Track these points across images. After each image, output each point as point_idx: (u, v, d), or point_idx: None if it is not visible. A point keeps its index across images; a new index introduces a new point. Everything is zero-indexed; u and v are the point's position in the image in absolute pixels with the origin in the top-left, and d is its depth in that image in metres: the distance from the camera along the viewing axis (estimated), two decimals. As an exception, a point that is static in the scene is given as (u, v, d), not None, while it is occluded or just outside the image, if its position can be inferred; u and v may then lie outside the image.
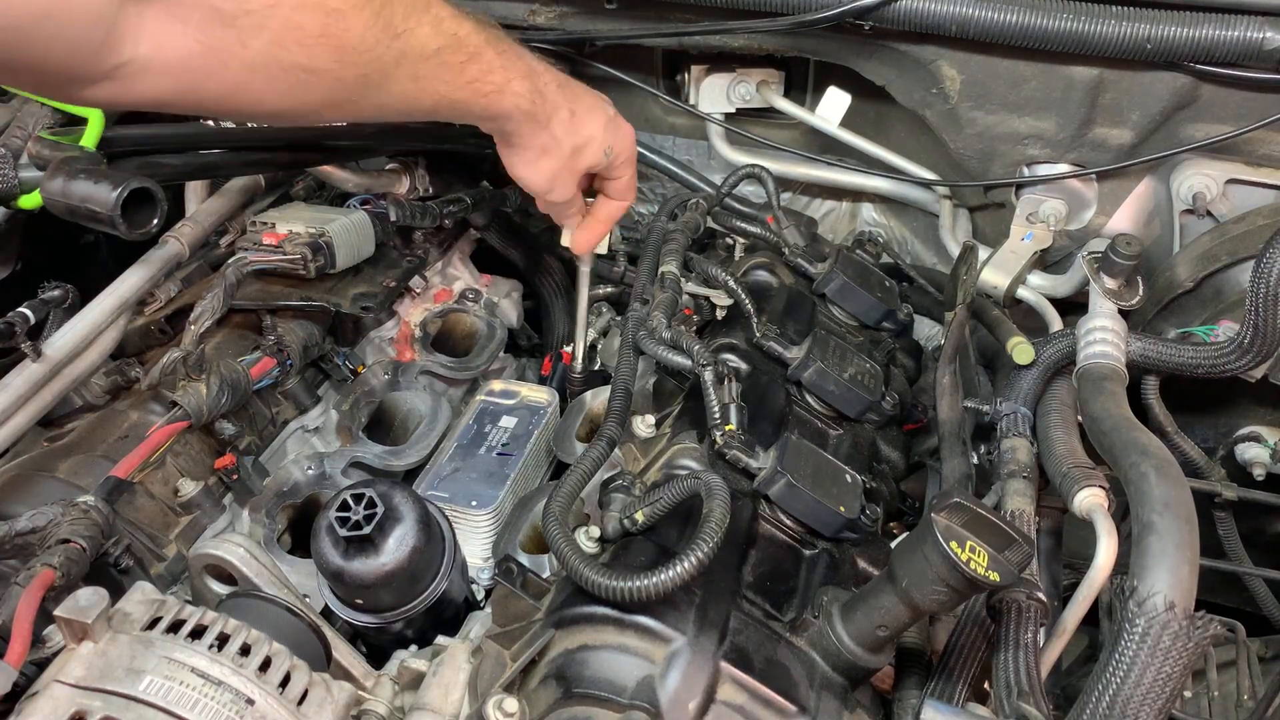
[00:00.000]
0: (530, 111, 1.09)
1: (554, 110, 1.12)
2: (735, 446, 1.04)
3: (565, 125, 1.14)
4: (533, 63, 1.10)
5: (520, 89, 1.07)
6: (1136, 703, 0.80)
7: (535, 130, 1.12)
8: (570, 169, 1.18)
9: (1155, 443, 1.00)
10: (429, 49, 0.94)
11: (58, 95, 0.97)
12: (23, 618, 0.83)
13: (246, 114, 1.08)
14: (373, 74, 0.90)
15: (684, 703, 0.82)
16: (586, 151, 1.17)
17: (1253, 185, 1.38)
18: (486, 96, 1.04)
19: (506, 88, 1.06)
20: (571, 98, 1.15)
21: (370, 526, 0.95)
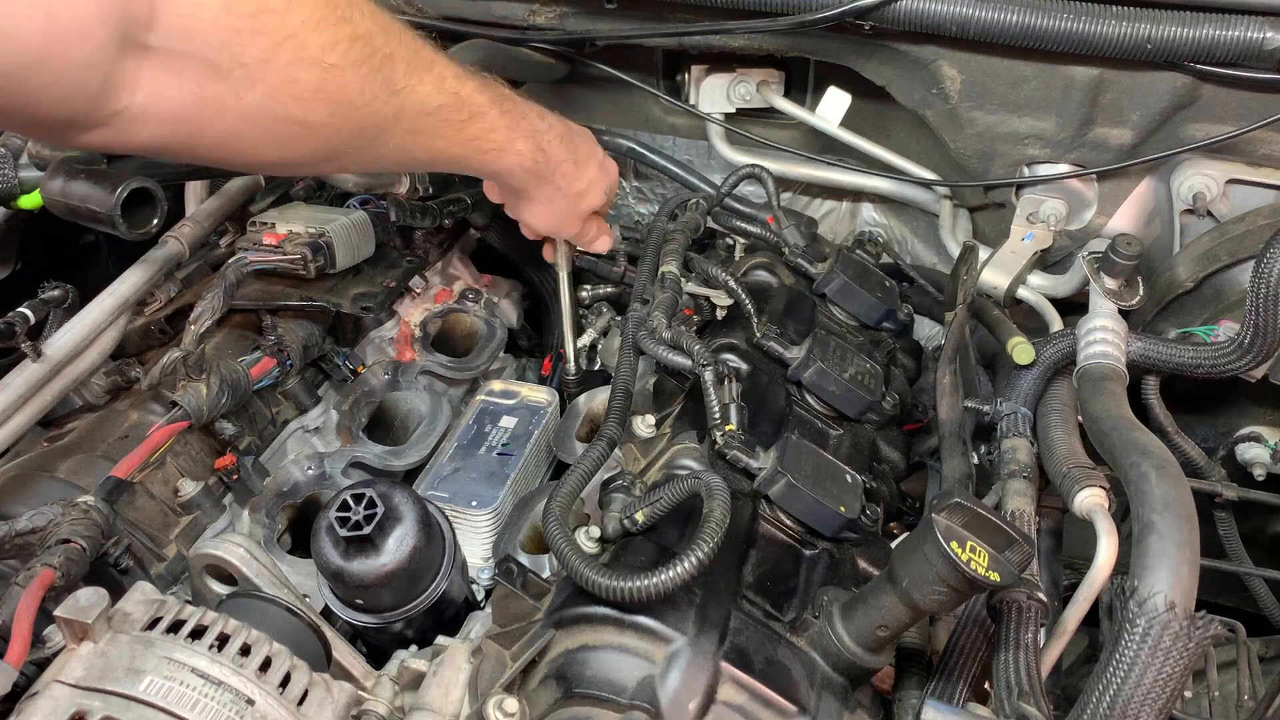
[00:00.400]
0: (533, 169, 1.11)
1: (557, 165, 1.15)
2: (735, 446, 1.04)
3: (568, 177, 1.18)
4: (536, 121, 1.11)
5: (523, 148, 1.08)
6: (1137, 703, 0.80)
7: (539, 184, 1.15)
8: (574, 213, 1.23)
9: (1155, 443, 1.00)
10: (429, 106, 0.94)
11: (51, 138, 0.97)
12: (23, 618, 0.83)
13: (240, 164, 1.06)
14: (369, 128, 0.89)
15: (684, 703, 0.82)
16: (588, 196, 1.22)
17: (1253, 185, 1.38)
18: (487, 154, 1.05)
19: (509, 147, 1.06)
20: (572, 148, 1.17)
21: (370, 527, 0.95)
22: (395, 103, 0.90)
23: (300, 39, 0.78)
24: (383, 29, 0.87)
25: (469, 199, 1.62)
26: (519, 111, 1.08)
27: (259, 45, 0.76)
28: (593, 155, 1.22)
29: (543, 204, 1.19)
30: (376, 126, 0.90)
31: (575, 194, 1.20)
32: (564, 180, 1.17)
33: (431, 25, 1.64)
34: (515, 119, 1.06)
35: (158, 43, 0.72)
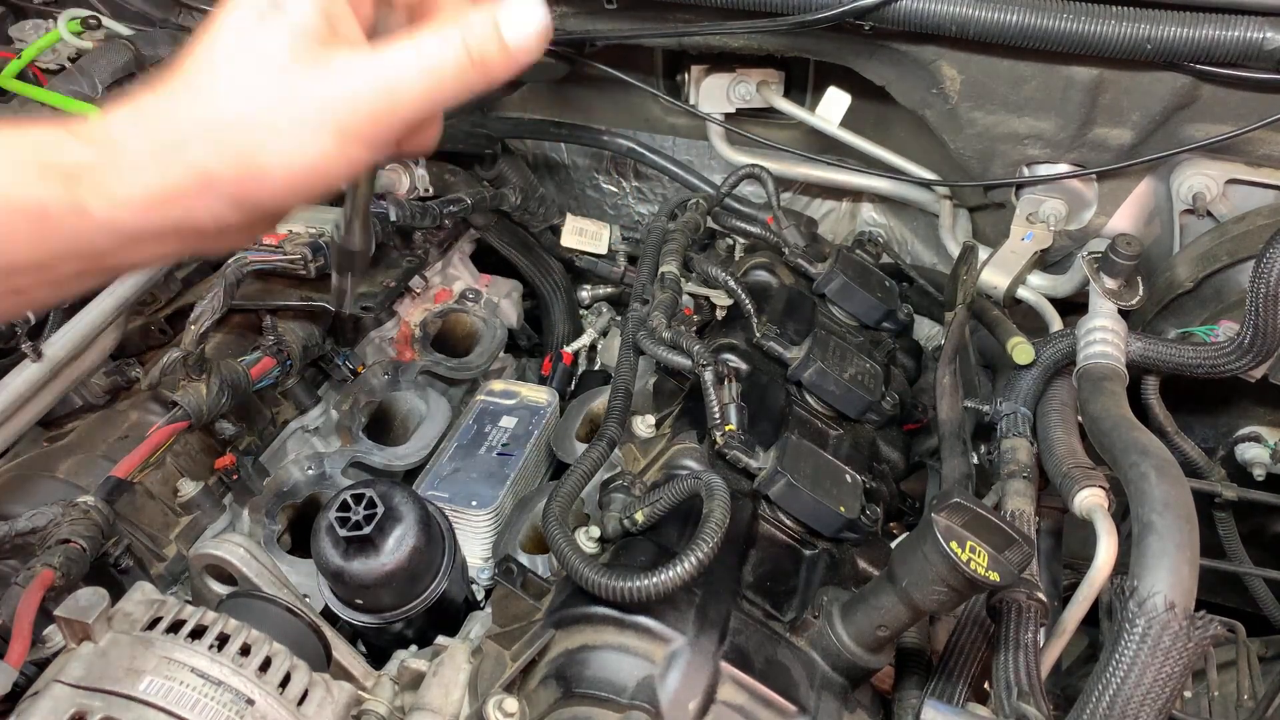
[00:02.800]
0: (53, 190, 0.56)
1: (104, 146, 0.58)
2: (735, 446, 1.04)
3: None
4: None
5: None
6: (1136, 703, 0.80)
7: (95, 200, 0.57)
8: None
9: (1155, 443, 1.00)
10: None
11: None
12: (23, 618, 0.83)
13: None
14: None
15: (684, 703, 0.82)
16: (233, 48, 0.58)
17: (1253, 185, 1.38)
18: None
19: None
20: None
21: (370, 527, 0.95)
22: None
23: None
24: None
25: (469, 199, 1.63)
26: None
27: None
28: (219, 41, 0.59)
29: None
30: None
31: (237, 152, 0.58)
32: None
33: (431, 25, 1.64)
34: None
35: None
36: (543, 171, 2.02)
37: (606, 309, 1.74)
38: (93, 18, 1.43)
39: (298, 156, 0.57)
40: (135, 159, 0.57)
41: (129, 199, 0.57)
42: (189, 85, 0.58)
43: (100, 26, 1.43)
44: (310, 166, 0.58)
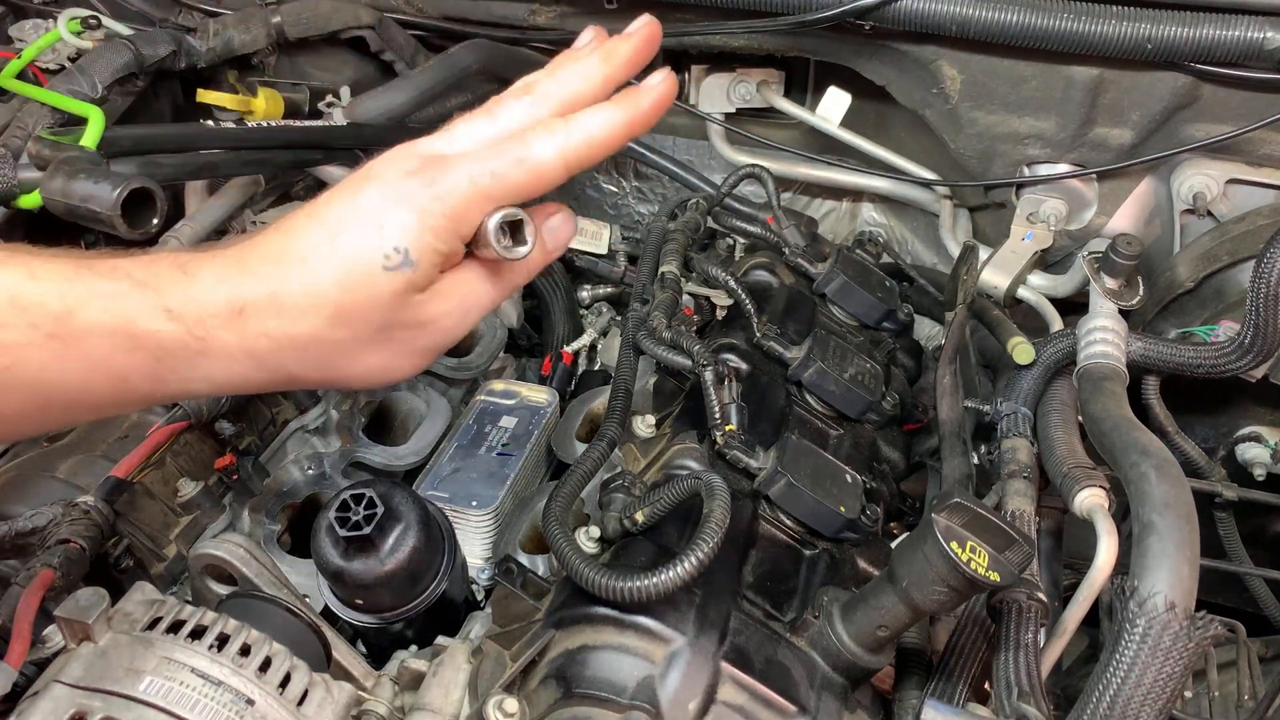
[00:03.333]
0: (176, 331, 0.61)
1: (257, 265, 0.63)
2: (735, 446, 1.04)
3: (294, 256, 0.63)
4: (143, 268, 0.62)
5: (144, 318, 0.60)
6: (1137, 703, 0.80)
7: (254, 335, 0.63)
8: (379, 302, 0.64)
9: (1156, 443, 1.00)
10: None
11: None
12: (23, 618, 0.83)
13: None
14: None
15: (684, 703, 0.82)
16: (356, 286, 0.62)
17: (1253, 185, 1.38)
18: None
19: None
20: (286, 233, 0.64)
21: (370, 527, 0.94)
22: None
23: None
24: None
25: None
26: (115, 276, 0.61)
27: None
28: (358, 191, 0.65)
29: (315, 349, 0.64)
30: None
31: (335, 310, 0.63)
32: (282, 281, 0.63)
33: (432, 25, 1.65)
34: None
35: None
36: (543, 171, 2.02)
37: (606, 309, 1.74)
38: (93, 18, 1.43)
39: (378, 374, 0.67)
40: (225, 354, 0.62)
41: (209, 382, 0.63)
42: (293, 295, 0.62)
43: (100, 26, 1.42)
44: (386, 378, 0.68)
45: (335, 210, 0.63)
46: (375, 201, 0.63)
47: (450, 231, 0.64)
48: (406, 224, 0.62)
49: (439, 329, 0.67)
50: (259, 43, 1.50)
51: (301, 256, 0.62)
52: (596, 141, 0.66)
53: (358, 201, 0.63)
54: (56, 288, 0.58)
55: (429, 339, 0.67)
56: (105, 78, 1.31)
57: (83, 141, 1.18)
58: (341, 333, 0.63)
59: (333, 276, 0.62)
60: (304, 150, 1.42)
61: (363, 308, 0.63)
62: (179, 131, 1.31)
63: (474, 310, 0.68)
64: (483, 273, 0.68)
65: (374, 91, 1.52)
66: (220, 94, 1.46)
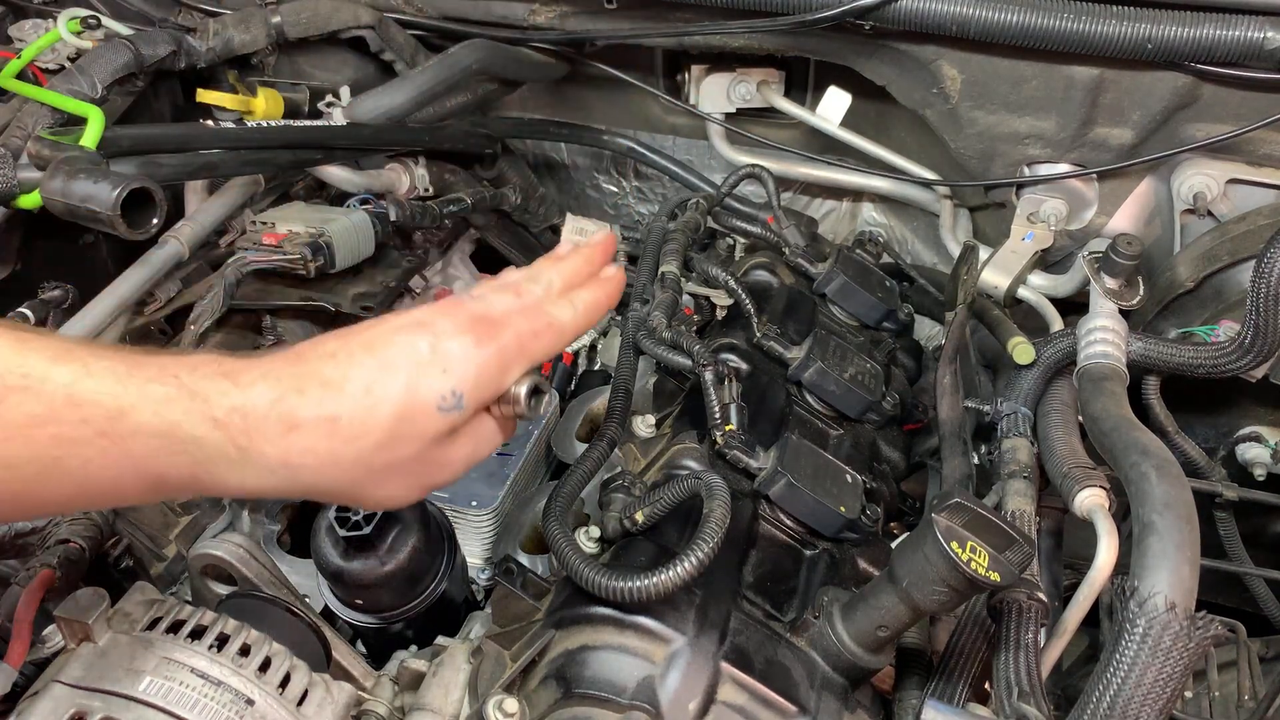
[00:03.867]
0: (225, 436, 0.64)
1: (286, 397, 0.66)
2: (735, 446, 1.04)
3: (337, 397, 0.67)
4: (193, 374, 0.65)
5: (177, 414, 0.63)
6: (1137, 703, 0.80)
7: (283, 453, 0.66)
8: (402, 466, 0.71)
9: (1156, 443, 1.00)
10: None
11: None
12: (23, 618, 0.83)
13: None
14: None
15: (684, 703, 0.82)
16: (412, 419, 0.69)
17: (1253, 185, 1.38)
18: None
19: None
20: (320, 358, 0.69)
21: (370, 527, 0.94)
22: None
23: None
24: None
25: (469, 199, 1.62)
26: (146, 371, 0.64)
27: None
28: (378, 353, 0.70)
29: (343, 475, 0.69)
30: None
31: (376, 443, 0.68)
32: (327, 407, 0.67)
33: (432, 25, 1.65)
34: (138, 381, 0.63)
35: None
36: (543, 171, 2.02)
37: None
38: (92, 17, 1.43)
39: (391, 500, 0.74)
40: (263, 464, 0.66)
41: (240, 488, 0.67)
42: (351, 421, 0.68)
43: (100, 26, 1.42)
44: (392, 504, 0.76)
45: (395, 352, 0.70)
46: (435, 348, 0.71)
47: (496, 383, 0.74)
48: (465, 373, 0.71)
49: (450, 469, 0.75)
50: (259, 43, 1.50)
51: (366, 388, 0.68)
52: (592, 310, 0.82)
53: (416, 346, 0.70)
54: (111, 387, 0.62)
55: (440, 476, 0.75)
56: (105, 78, 1.31)
57: (82, 141, 1.18)
58: (381, 460, 0.69)
59: (393, 409, 0.68)
60: (304, 150, 1.42)
61: (408, 440, 0.70)
62: (179, 131, 1.31)
63: (481, 455, 0.77)
64: (494, 425, 0.77)
65: (374, 91, 1.52)
66: (220, 94, 1.46)
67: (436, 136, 1.59)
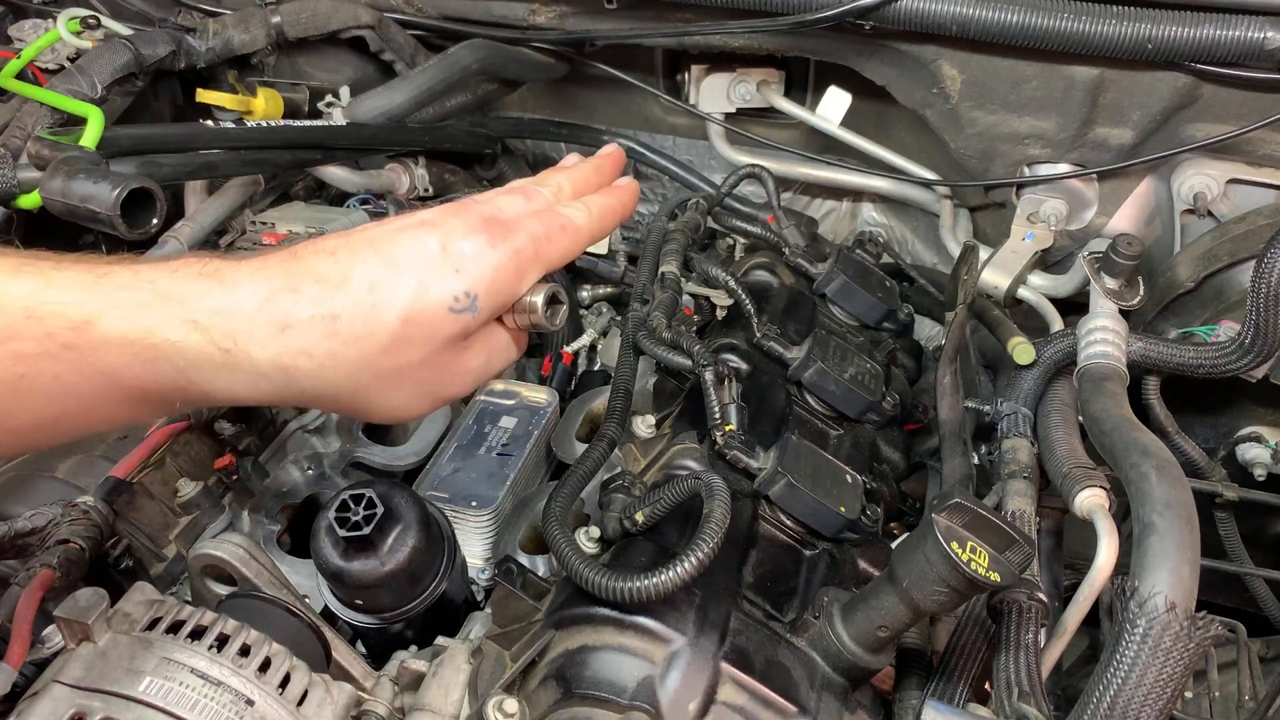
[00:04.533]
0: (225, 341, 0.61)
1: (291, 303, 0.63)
2: (735, 447, 1.04)
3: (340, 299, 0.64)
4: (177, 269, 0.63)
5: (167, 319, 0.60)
6: (1137, 703, 0.80)
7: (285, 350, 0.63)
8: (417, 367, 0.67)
9: (1156, 443, 1.00)
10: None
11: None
12: (22, 618, 0.83)
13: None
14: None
15: (684, 703, 0.82)
16: (420, 321, 0.65)
17: (1254, 185, 1.38)
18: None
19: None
20: (334, 250, 0.66)
21: (370, 527, 0.94)
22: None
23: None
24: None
25: (469, 199, 1.62)
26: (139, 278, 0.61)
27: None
28: (386, 246, 0.66)
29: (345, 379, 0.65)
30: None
31: (390, 337, 0.65)
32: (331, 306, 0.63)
33: (432, 25, 1.65)
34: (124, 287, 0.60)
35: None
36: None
37: (606, 309, 1.74)
38: (92, 17, 1.43)
39: (397, 411, 0.70)
40: (253, 368, 0.62)
41: (230, 395, 0.64)
42: (352, 319, 0.63)
43: (100, 26, 1.42)
44: (400, 415, 0.72)
45: (401, 249, 0.66)
46: (445, 248, 0.66)
47: (511, 287, 0.69)
48: (479, 274, 0.66)
49: (462, 379, 0.71)
50: (258, 43, 1.50)
51: (369, 284, 0.64)
52: (607, 214, 0.79)
53: (425, 245, 0.66)
54: (74, 297, 0.58)
55: (451, 387, 0.71)
56: (105, 78, 1.31)
57: (82, 141, 1.18)
58: (387, 363, 0.65)
59: (399, 308, 0.64)
60: (303, 150, 1.42)
61: (416, 343, 0.65)
62: (179, 131, 1.31)
63: (494, 369, 0.73)
64: (508, 337, 0.74)
65: (374, 91, 1.52)
66: (220, 94, 1.46)
67: (436, 136, 1.59)
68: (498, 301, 0.69)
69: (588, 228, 0.76)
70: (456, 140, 1.64)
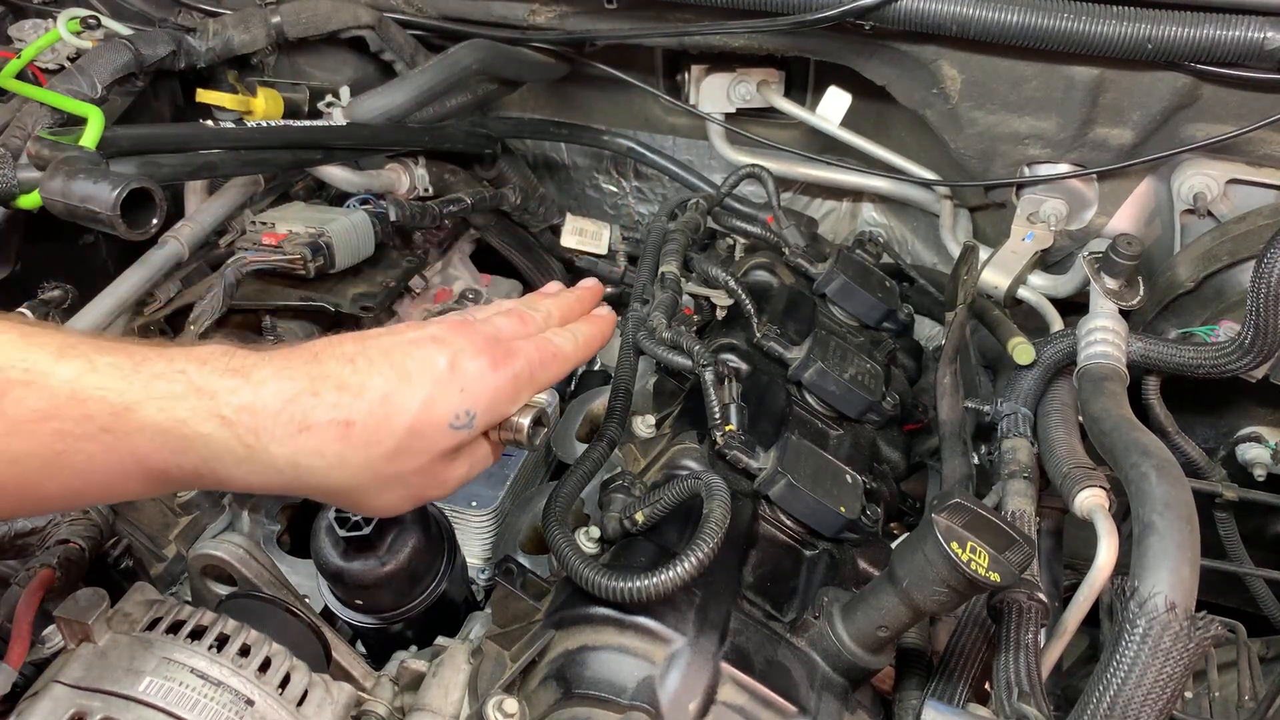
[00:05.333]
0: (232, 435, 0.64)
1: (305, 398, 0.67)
2: (735, 447, 1.04)
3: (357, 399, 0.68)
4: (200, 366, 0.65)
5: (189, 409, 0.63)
6: (1137, 704, 0.80)
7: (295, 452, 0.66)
8: (412, 475, 0.72)
9: (1156, 443, 1.00)
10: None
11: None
12: (22, 618, 0.82)
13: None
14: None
15: (684, 703, 0.82)
16: (423, 434, 0.70)
17: (1254, 185, 1.38)
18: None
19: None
20: (348, 358, 0.70)
21: (370, 527, 0.94)
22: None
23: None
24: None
25: (469, 199, 1.62)
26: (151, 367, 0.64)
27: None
28: (400, 357, 0.71)
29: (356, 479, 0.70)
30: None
31: (388, 450, 0.69)
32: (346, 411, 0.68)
33: (432, 25, 1.65)
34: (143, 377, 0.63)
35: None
36: (543, 171, 2.02)
37: (606, 309, 1.74)
38: (92, 17, 1.43)
39: (387, 508, 0.75)
40: (269, 463, 0.66)
41: (243, 485, 0.68)
42: (365, 427, 0.68)
43: (100, 26, 1.42)
44: (387, 513, 0.78)
45: (414, 365, 0.71)
46: (453, 366, 0.72)
47: (505, 408, 0.76)
48: (480, 394, 0.72)
49: (446, 486, 0.76)
50: (259, 43, 1.50)
51: (384, 396, 0.69)
52: (591, 343, 0.86)
53: (435, 362, 0.71)
54: (116, 384, 0.62)
55: (434, 491, 0.76)
56: (105, 78, 1.31)
57: (82, 141, 1.18)
58: (388, 469, 0.70)
59: (407, 420, 0.69)
60: (303, 150, 1.42)
61: (416, 453, 0.71)
62: (179, 131, 1.31)
63: (472, 476, 0.78)
64: (489, 449, 0.79)
65: (374, 91, 1.52)
66: (220, 94, 1.45)
67: (436, 136, 1.59)
68: (491, 419, 0.75)
69: (574, 355, 0.83)
70: (456, 140, 1.64)
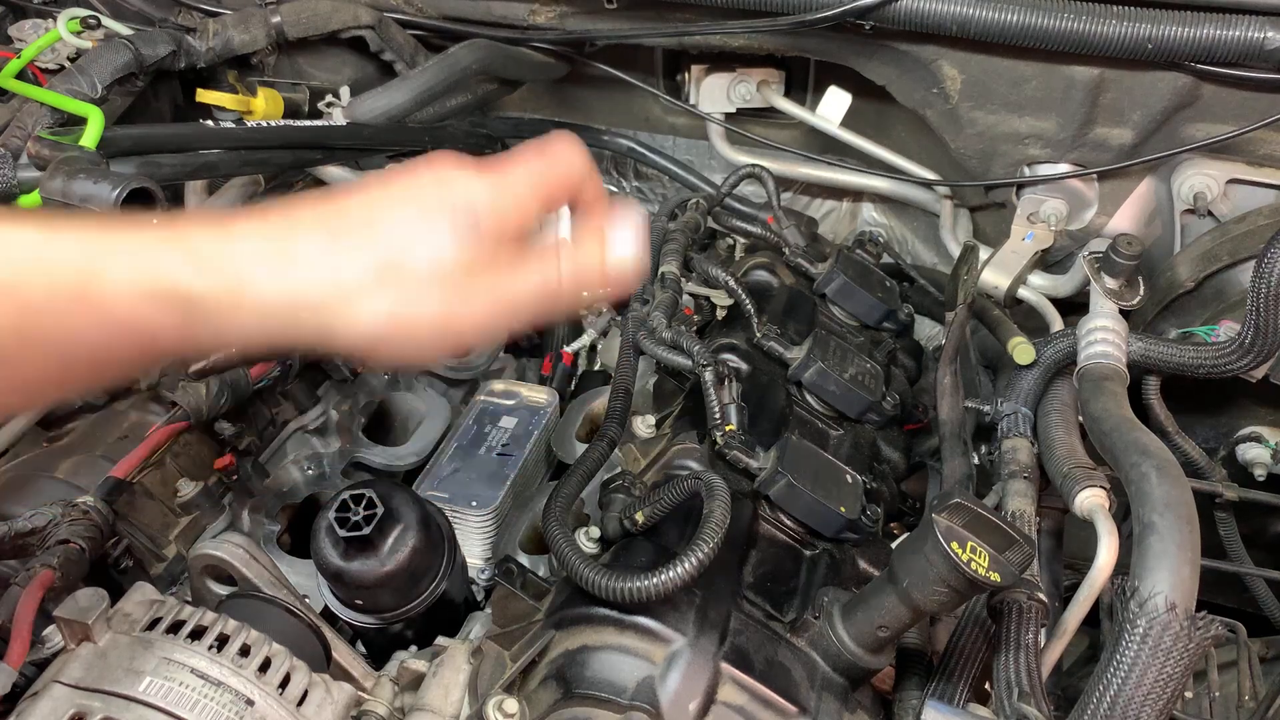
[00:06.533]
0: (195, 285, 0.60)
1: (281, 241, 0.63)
2: (735, 447, 1.04)
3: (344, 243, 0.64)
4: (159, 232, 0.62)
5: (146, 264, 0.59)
6: (1137, 704, 0.80)
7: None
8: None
9: (1156, 443, 1.00)
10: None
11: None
12: (22, 618, 0.83)
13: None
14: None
15: (684, 703, 0.82)
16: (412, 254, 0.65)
17: (1254, 185, 1.38)
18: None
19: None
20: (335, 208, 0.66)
21: (370, 527, 0.94)
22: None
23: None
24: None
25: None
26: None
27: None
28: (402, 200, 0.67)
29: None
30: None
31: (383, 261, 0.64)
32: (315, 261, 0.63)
33: (432, 25, 1.65)
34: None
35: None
36: (543, 171, 2.02)
37: (606, 309, 1.74)
38: (92, 17, 1.42)
39: (411, 356, 0.68)
40: (257, 309, 0.62)
41: (240, 338, 0.64)
42: (334, 253, 0.63)
43: (100, 26, 1.42)
44: (419, 360, 0.70)
45: (399, 189, 0.67)
46: (440, 179, 0.68)
47: (517, 214, 0.68)
48: (475, 191, 0.67)
49: (473, 311, 0.67)
50: (259, 43, 1.50)
51: (368, 220, 0.65)
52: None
53: (421, 181, 0.68)
54: (80, 249, 0.58)
55: (463, 316, 0.67)
56: (105, 78, 1.31)
57: (82, 141, 1.18)
58: (386, 314, 0.64)
59: (390, 252, 0.64)
60: (303, 150, 1.42)
61: (437, 267, 0.65)
62: (179, 131, 1.31)
63: (509, 301, 0.68)
64: (526, 270, 0.69)
65: (374, 91, 1.52)
66: (220, 94, 1.45)
67: (436, 136, 1.59)
68: (502, 221, 0.68)
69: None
70: (456, 140, 1.64)
